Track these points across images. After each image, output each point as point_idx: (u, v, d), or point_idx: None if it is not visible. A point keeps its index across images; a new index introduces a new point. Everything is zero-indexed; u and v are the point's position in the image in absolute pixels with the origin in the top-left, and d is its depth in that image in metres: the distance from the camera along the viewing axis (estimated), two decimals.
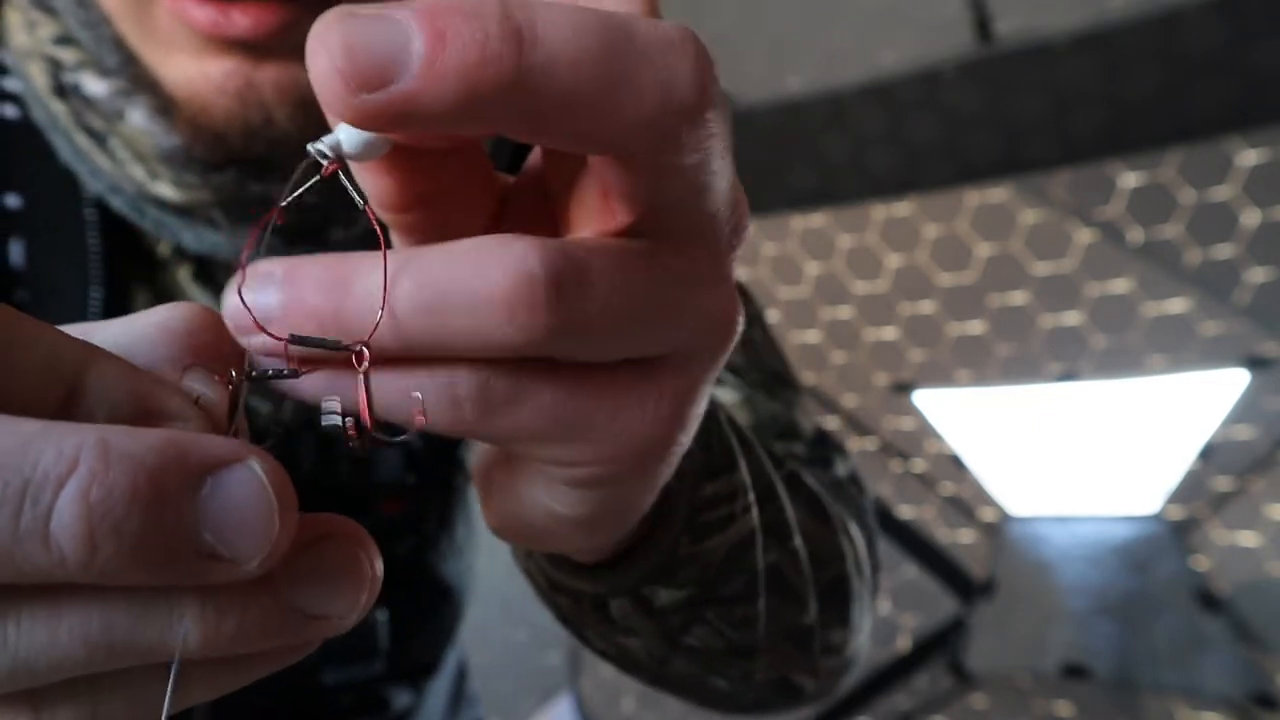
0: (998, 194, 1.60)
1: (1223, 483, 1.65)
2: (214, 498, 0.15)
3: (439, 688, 0.61)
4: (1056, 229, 1.58)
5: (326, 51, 0.15)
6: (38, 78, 0.39)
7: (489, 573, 0.69)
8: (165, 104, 0.36)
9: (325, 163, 0.19)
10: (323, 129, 0.40)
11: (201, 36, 0.34)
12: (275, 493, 0.16)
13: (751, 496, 0.32)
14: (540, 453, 0.20)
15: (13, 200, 0.41)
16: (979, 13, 1.39)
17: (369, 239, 0.45)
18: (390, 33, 0.15)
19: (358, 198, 0.20)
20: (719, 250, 0.20)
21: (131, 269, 0.43)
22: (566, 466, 0.21)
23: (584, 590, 0.30)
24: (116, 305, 0.41)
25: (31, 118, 0.40)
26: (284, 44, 0.34)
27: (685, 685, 0.37)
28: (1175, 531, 1.73)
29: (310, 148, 0.19)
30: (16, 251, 0.41)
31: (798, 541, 0.36)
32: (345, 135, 0.19)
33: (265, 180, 0.38)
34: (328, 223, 0.41)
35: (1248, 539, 1.60)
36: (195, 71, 0.35)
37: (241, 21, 0.33)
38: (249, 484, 0.16)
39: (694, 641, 0.33)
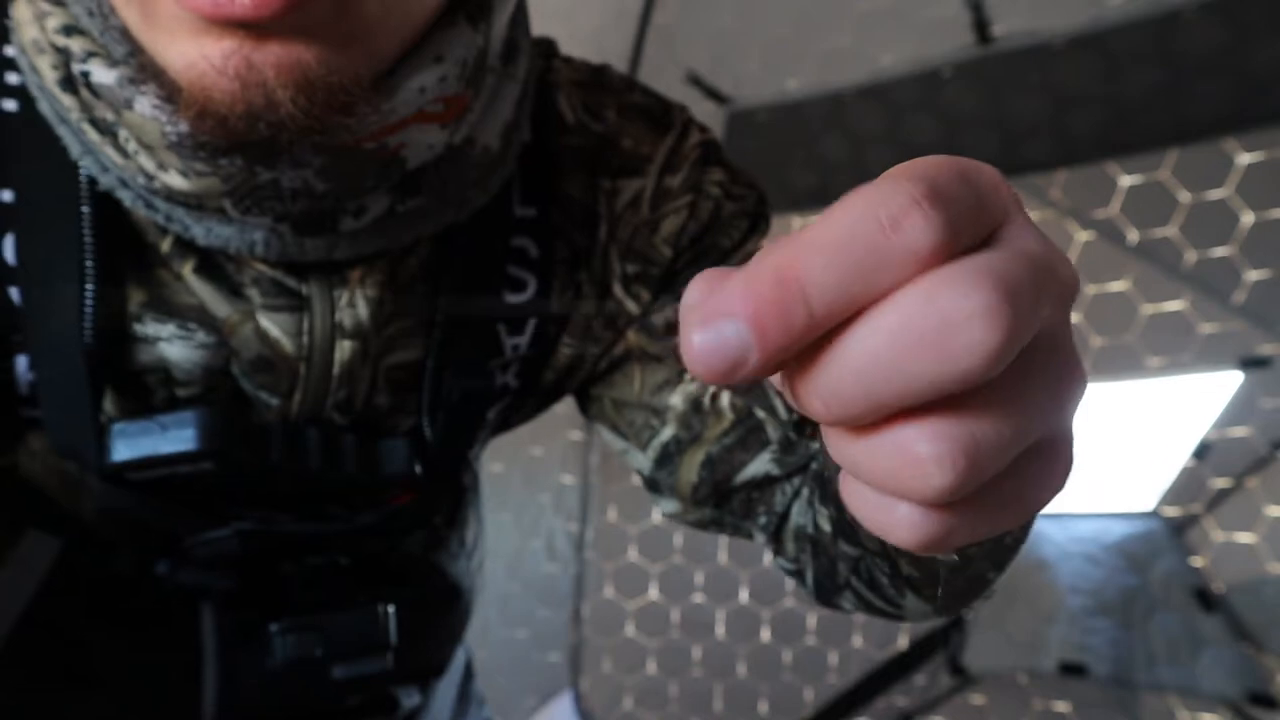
0: None
1: (1220, 481, 1.65)
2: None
3: (446, 688, 0.61)
4: (1054, 229, 1.59)
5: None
6: (47, 71, 0.39)
7: (489, 573, 0.69)
8: (170, 91, 0.36)
9: None
10: (325, 111, 0.39)
11: (203, 20, 0.33)
12: None
13: None
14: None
15: (5, 195, 0.41)
16: (978, 14, 1.39)
17: (378, 228, 0.45)
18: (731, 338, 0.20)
19: None
20: None
21: (127, 265, 0.43)
22: (1051, 459, 0.23)
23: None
24: (110, 301, 0.41)
25: (37, 111, 0.40)
26: (285, 24, 0.34)
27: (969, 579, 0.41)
28: (1173, 530, 1.74)
29: None
30: (9, 247, 0.41)
31: None
32: None
33: (273, 166, 0.37)
34: (338, 212, 0.41)
35: (1245, 537, 1.61)
36: (196, 54, 0.34)
37: (243, 2, 0.32)
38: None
39: None
